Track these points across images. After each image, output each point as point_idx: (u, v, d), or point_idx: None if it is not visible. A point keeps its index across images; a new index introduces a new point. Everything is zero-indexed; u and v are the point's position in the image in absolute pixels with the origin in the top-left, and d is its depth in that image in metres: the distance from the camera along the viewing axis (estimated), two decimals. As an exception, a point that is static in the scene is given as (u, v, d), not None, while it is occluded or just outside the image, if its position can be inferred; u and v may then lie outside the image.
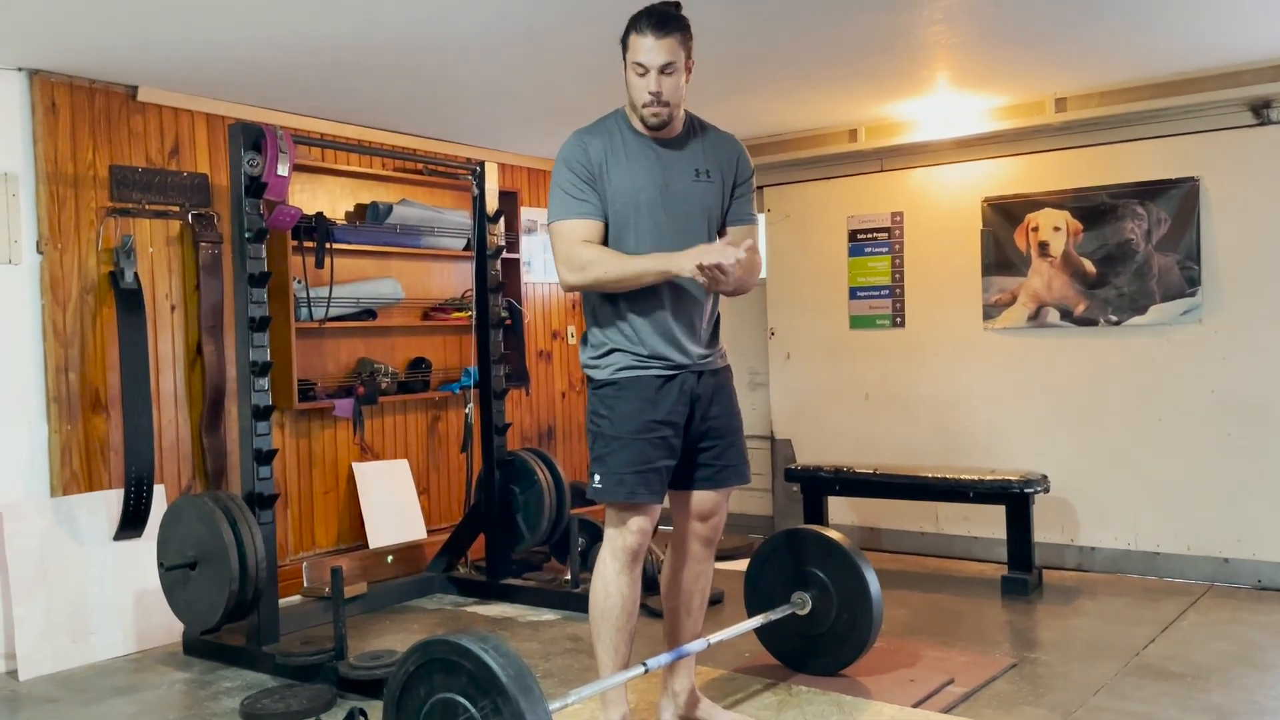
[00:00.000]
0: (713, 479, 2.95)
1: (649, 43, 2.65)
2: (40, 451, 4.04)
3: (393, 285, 5.25)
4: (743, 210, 2.94)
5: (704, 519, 3.00)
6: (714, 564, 3.11)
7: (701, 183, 2.82)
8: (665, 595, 3.09)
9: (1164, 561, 4.89)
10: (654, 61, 2.65)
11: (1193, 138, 4.78)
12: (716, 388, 2.91)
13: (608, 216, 2.77)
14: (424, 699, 2.33)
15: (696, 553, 3.03)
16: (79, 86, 4.14)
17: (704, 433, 2.90)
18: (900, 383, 5.64)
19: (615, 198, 2.77)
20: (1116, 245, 4.96)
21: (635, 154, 2.79)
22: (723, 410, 2.93)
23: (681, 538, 3.03)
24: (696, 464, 2.92)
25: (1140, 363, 4.93)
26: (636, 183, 2.77)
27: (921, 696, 3.29)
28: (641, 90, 2.69)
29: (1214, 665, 3.60)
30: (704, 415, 2.88)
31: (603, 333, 2.86)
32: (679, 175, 2.80)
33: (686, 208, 2.80)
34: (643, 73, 2.67)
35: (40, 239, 4.03)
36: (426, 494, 5.51)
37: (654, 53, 2.65)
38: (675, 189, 2.79)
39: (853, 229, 5.80)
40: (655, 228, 2.77)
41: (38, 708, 3.53)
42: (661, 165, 2.79)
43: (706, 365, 2.89)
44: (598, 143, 2.79)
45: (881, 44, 4.02)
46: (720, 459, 2.94)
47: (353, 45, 3.80)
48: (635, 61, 2.68)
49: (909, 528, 5.59)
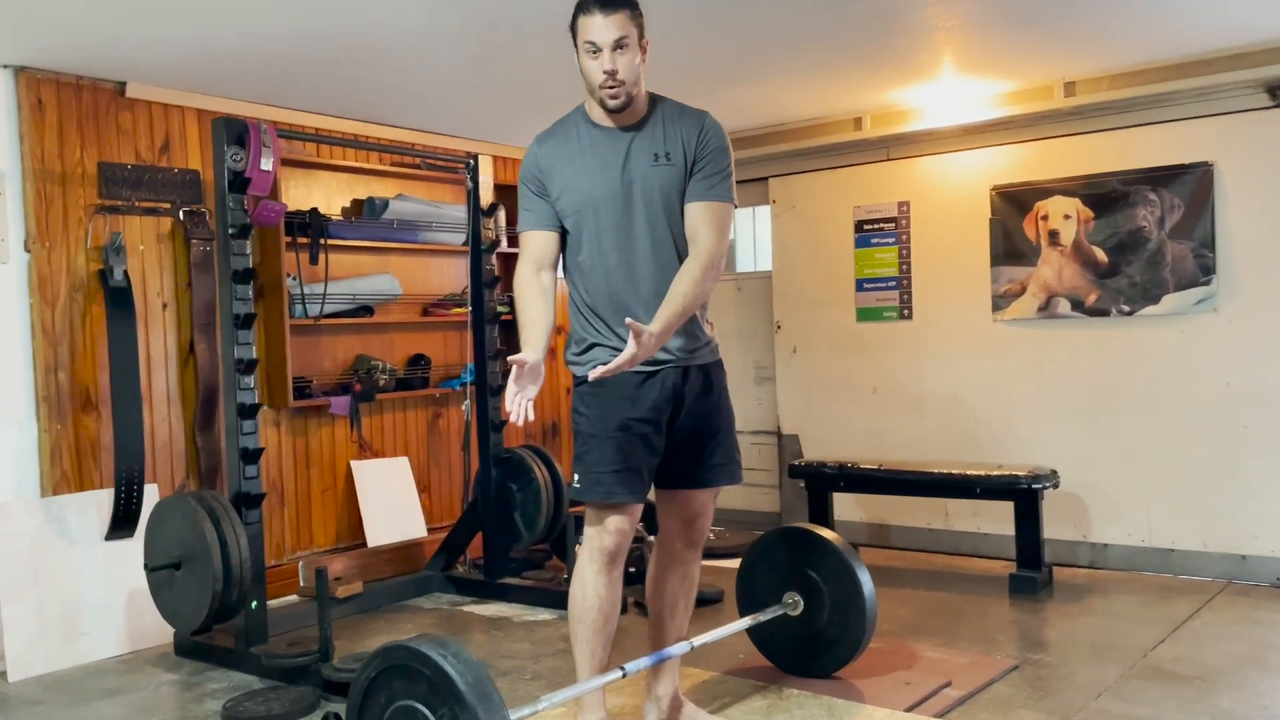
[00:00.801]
0: (699, 478, 2.85)
1: (598, 20, 2.56)
2: (30, 451, 4.02)
3: (390, 281, 5.20)
4: (701, 189, 2.69)
5: (689, 520, 2.91)
6: (701, 564, 3.03)
7: (660, 166, 2.68)
8: (650, 597, 3.02)
9: (1179, 558, 4.75)
10: (605, 39, 2.56)
11: (1206, 121, 4.63)
12: (703, 383, 2.80)
13: (567, 217, 2.73)
14: (385, 705, 2.27)
15: (681, 554, 2.95)
16: (66, 83, 4.11)
17: (689, 430, 2.79)
18: (908, 376, 5.52)
19: (569, 198, 2.71)
20: (1128, 233, 4.82)
21: (591, 147, 2.70)
22: (710, 407, 2.82)
23: (666, 538, 2.95)
24: (683, 462, 2.82)
25: (1153, 354, 4.79)
26: (592, 178, 2.68)
27: (916, 700, 3.19)
28: (596, 70, 2.60)
29: (1224, 667, 3.48)
30: (689, 412, 2.78)
31: (582, 329, 2.79)
32: (640, 161, 2.69)
33: (645, 195, 2.69)
34: (595, 52, 2.58)
35: (28, 237, 4.00)
36: (427, 492, 5.46)
37: (604, 30, 2.56)
38: (636, 176, 2.68)
39: (859, 219, 5.68)
40: (614, 224, 2.69)
41: (23, 710, 3.50)
42: (621, 152, 2.69)
43: (691, 360, 2.76)
44: (550, 146, 2.75)
45: (882, 27, 3.91)
46: (708, 457, 2.84)
47: (342, 38, 3.74)
48: (586, 41, 2.59)
49: (917, 524, 5.48)
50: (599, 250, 2.71)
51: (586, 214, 2.70)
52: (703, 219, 2.68)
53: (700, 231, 2.68)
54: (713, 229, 2.68)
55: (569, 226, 2.75)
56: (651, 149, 2.69)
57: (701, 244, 2.66)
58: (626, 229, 2.69)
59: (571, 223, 2.74)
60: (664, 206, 2.70)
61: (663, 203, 2.70)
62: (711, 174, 2.70)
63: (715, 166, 2.71)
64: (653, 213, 2.69)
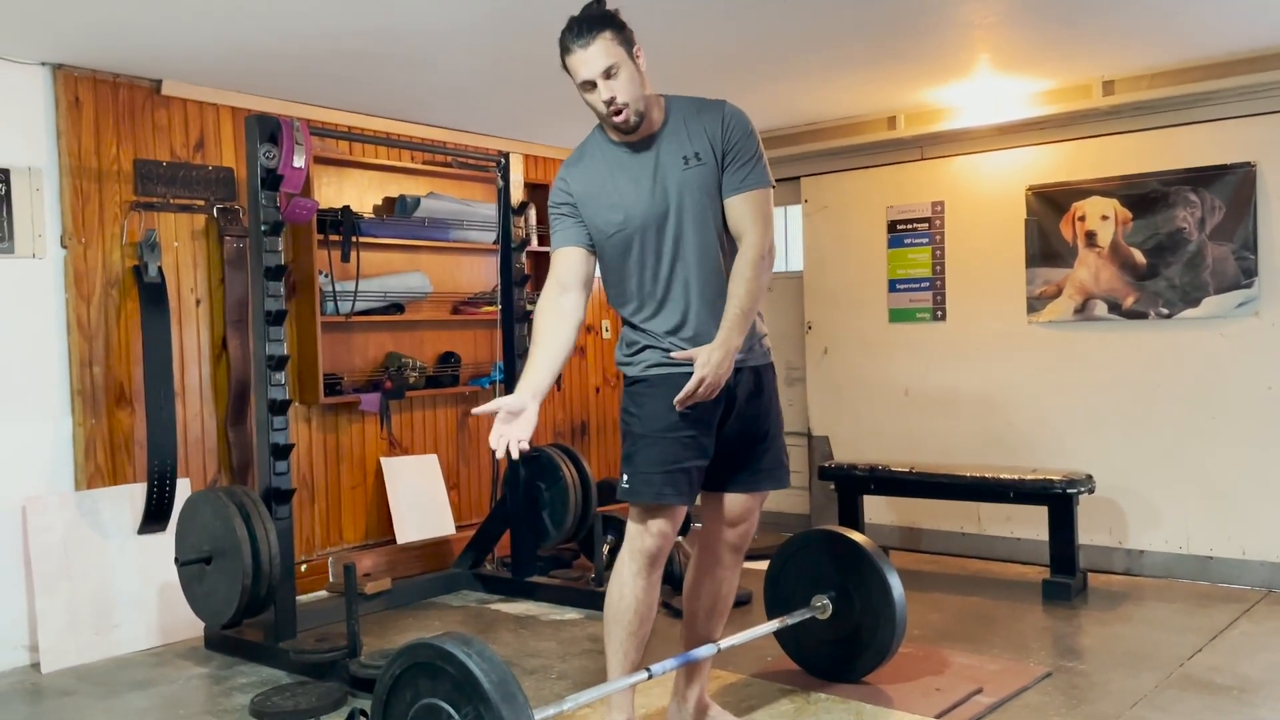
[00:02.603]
0: (746, 482, 2.82)
1: (579, 56, 2.54)
2: (64, 445, 4.06)
3: (421, 279, 5.21)
4: (737, 180, 2.66)
5: (734, 524, 2.87)
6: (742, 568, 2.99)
7: (692, 168, 2.65)
8: (686, 597, 2.99)
9: (1217, 566, 4.66)
10: (593, 72, 2.53)
11: (1249, 121, 4.54)
12: (754, 385, 2.77)
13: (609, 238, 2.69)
14: (410, 703, 2.27)
15: (723, 559, 2.91)
16: (102, 81, 4.15)
17: (738, 433, 2.76)
18: (941, 378, 5.46)
19: (607, 219, 2.68)
20: (1168, 235, 4.74)
21: (620, 166, 2.67)
22: (759, 410, 2.78)
23: (709, 542, 2.91)
24: (730, 466, 2.79)
25: (1193, 357, 4.70)
26: (627, 198, 2.65)
27: (946, 707, 3.14)
28: (598, 102, 2.57)
29: (1264, 678, 3.40)
30: (739, 414, 2.74)
31: (632, 332, 2.76)
32: (671, 169, 2.65)
33: (685, 202, 2.65)
34: (590, 88, 2.56)
35: (64, 233, 4.04)
36: (456, 489, 5.47)
37: (589, 64, 2.53)
38: (670, 184, 2.64)
39: (892, 219, 5.63)
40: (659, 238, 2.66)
41: (55, 701, 3.54)
42: (650, 165, 2.65)
43: (742, 362, 2.70)
44: (578, 171, 2.72)
45: (917, 23, 3.86)
46: (756, 462, 2.81)
47: (375, 37, 3.75)
48: (579, 82, 2.57)
49: (950, 528, 5.42)
50: (647, 267, 2.67)
51: (631, 235, 2.66)
52: (744, 211, 2.66)
53: (744, 224, 2.66)
54: (756, 219, 2.65)
55: (611, 250, 2.70)
56: (680, 153, 2.66)
57: (748, 237, 2.64)
58: (674, 239, 2.66)
59: (615, 246, 2.69)
60: (706, 207, 2.67)
61: (704, 204, 2.66)
62: (744, 163, 2.67)
63: (745, 154, 2.67)
64: (696, 217, 2.66)
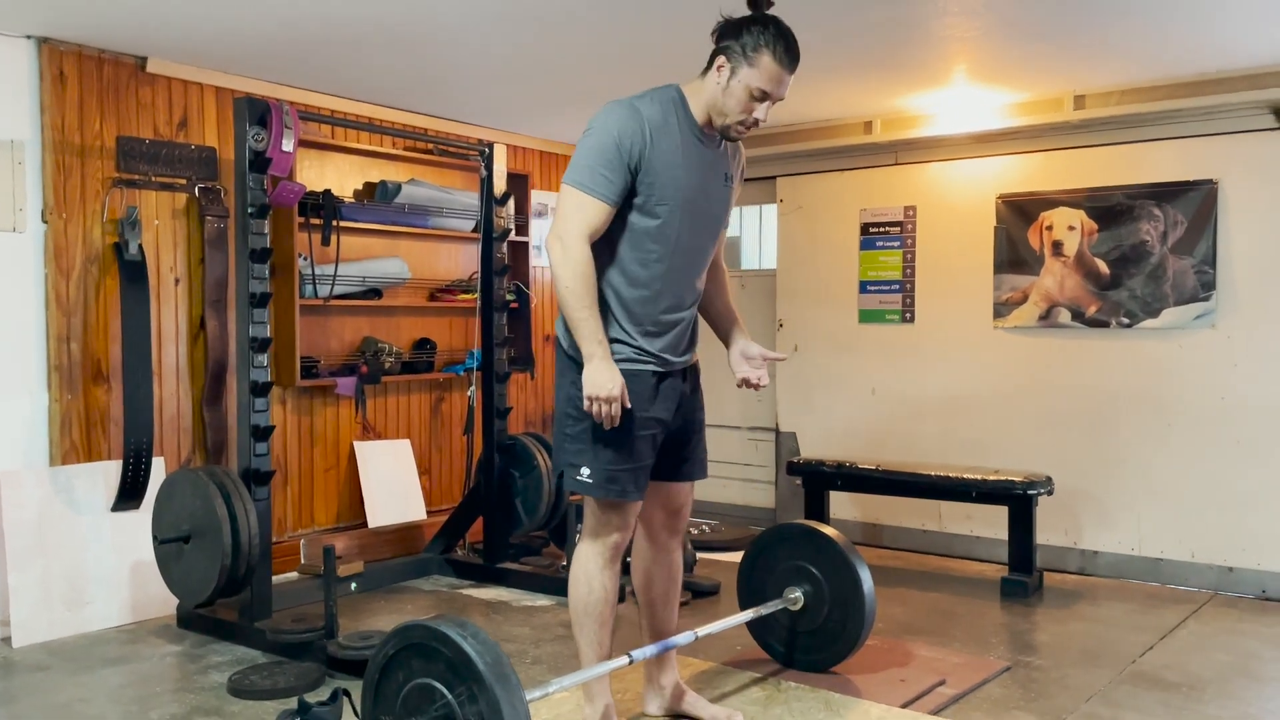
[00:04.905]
0: (687, 472, 2.99)
1: (782, 76, 2.59)
2: (40, 421, 4.04)
3: (399, 265, 5.23)
4: None
5: (677, 511, 3.02)
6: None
7: (728, 187, 2.84)
8: (641, 589, 3.08)
9: (1167, 568, 4.83)
10: (778, 93, 2.61)
11: (1212, 139, 4.70)
12: (693, 383, 2.95)
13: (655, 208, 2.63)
14: (402, 683, 2.32)
15: (666, 544, 3.04)
16: (88, 56, 4.13)
17: (680, 427, 2.91)
18: (908, 378, 5.59)
19: (665, 191, 2.63)
20: (1131, 247, 4.89)
21: (687, 148, 2.67)
22: (696, 404, 2.97)
23: (653, 530, 3.02)
24: (673, 457, 2.92)
25: (1151, 367, 4.86)
26: (689, 180, 2.67)
27: (911, 697, 3.25)
28: (747, 111, 2.61)
29: (1211, 676, 3.55)
30: (682, 411, 2.89)
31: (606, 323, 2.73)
32: (715, 178, 2.77)
33: (715, 210, 2.80)
34: (761, 97, 2.59)
35: (45, 208, 4.02)
36: (428, 475, 5.50)
37: (783, 86, 2.61)
38: (714, 193, 2.77)
39: (865, 222, 5.74)
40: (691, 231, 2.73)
41: (28, 676, 3.54)
42: (708, 164, 2.74)
43: (687, 362, 2.90)
44: (657, 119, 2.60)
45: (899, 34, 3.95)
46: (694, 453, 2.98)
47: (362, 21, 3.77)
48: (759, 87, 2.56)
49: (911, 525, 5.55)
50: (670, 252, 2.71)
51: (675, 214, 2.67)
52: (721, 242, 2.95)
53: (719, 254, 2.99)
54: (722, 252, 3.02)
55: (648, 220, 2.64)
56: (725, 169, 2.81)
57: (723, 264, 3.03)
58: (697, 238, 2.77)
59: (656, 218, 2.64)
60: (722, 225, 2.88)
61: (722, 221, 2.87)
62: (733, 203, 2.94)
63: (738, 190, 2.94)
64: (715, 230, 2.85)
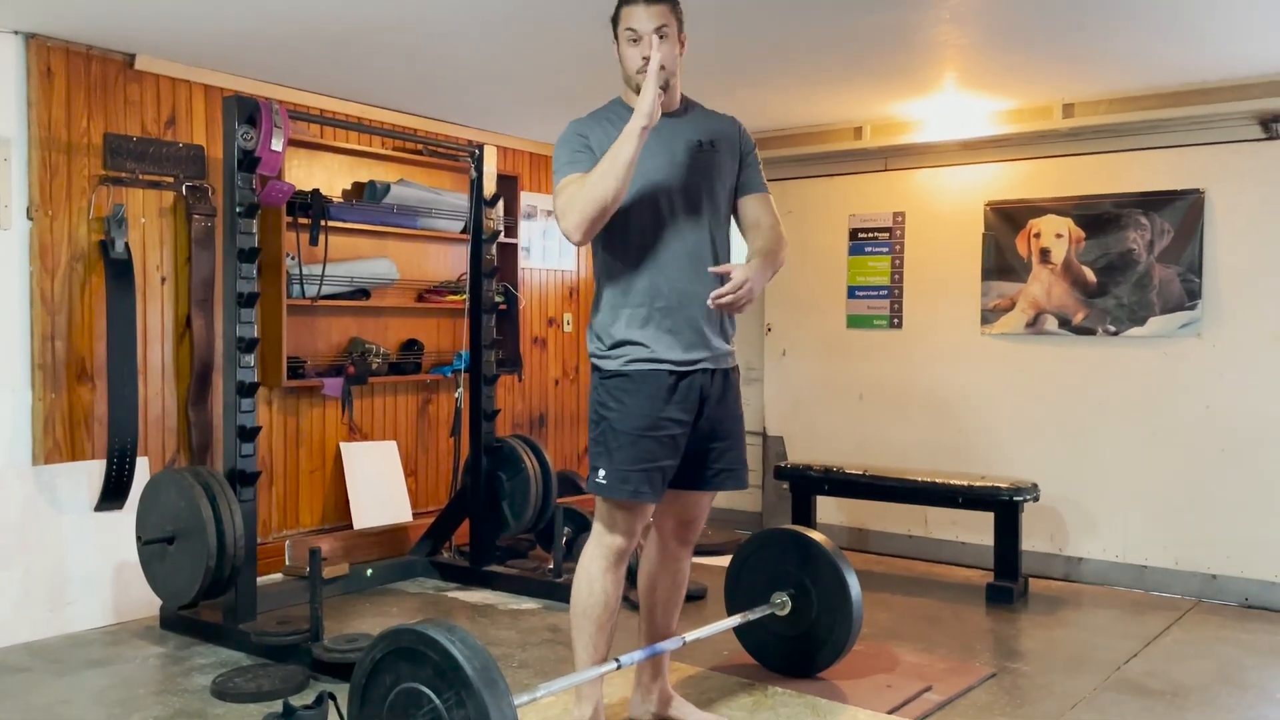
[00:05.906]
0: (708, 481, 2.89)
1: (640, 9, 2.64)
2: (23, 419, 4.01)
3: (388, 265, 5.21)
4: (755, 181, 2.90)
5: (688, 520, 2.96)
6: (693, 559, 3.08)
7: (706, 152, 2.78)
8: (643, 592, 3.06)
9: (1151, 575, 4.85)
10: (647, 26, 2.62)
11: (1200, 149, 4.73)
12: (724, 387, 2.85)
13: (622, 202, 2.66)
14: (389, 687, 2.31)
15: (675, 552, 2.99)
16: (76, 52, 4.09)
17: (705, 433, 2.82)
18: (895, 384, 5.60)
19: None
20: (1118, 255, 4.92)
21: None
22: (725, 411, 2.86)
23: (662, 536, 2.99)
24: (692, 464, 2.84)
25: (1137, 375, 4.89)
26: (645, 163, 2.67)
27: (897, 703, 3.26)
28: (635, 57, 2.66)
29: (1195, 683, 3.57)
30: (708, 415, 2.81)
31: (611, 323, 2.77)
32: (680, 148, 2.75)
33: (694, 178, 2.75)
34: (635, 39, 2.65)
35: (31, 205, 3.99)
36: (414, 476, 5.48)
37: (646, 18, 2.63)
38: (679, 160, 2.75)
39: (854, 228, 5.75)
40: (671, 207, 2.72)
41: (9, 677, 3.51)
42: (662, 139, 2.72)
43: (719, 363, 2.81)
44: (596, 130, 2.73)
45: (890, 42, 3.97)
46: (719, 461, 2.87)
47: (352, 21, 3.75)
48: (628, 28, 2.66)
49: (897, 530, 5.56)
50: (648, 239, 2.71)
51: (643, 198, 2.70)
52: (764, 207, 2.89)
53: (765, 216, 2.87)
54: (772, 212, 2.89)
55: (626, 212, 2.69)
56: (695, 136, 2.78)
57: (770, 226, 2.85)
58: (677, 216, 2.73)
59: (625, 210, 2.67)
60: (717, 191, 2.81)
61: (715, 187, 2.80)
62: (757, 168, 2.94)
63: (756, 160, 2.93)
64: (709, 197, 2.78)
